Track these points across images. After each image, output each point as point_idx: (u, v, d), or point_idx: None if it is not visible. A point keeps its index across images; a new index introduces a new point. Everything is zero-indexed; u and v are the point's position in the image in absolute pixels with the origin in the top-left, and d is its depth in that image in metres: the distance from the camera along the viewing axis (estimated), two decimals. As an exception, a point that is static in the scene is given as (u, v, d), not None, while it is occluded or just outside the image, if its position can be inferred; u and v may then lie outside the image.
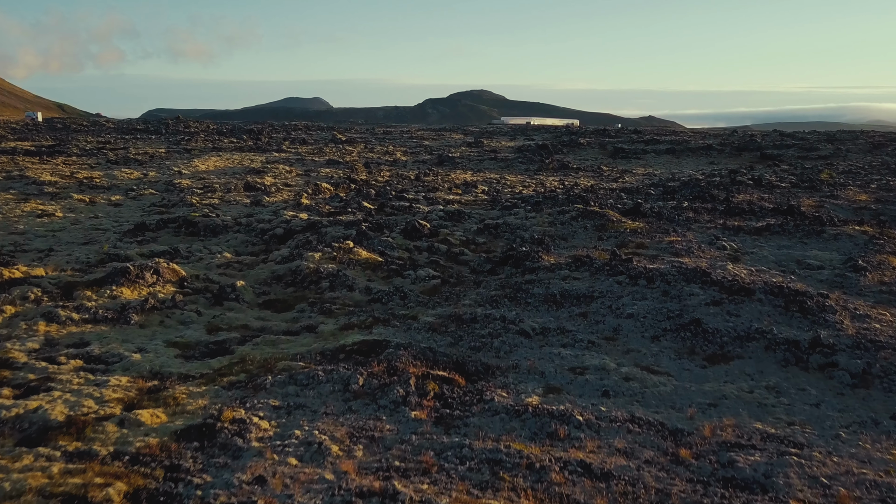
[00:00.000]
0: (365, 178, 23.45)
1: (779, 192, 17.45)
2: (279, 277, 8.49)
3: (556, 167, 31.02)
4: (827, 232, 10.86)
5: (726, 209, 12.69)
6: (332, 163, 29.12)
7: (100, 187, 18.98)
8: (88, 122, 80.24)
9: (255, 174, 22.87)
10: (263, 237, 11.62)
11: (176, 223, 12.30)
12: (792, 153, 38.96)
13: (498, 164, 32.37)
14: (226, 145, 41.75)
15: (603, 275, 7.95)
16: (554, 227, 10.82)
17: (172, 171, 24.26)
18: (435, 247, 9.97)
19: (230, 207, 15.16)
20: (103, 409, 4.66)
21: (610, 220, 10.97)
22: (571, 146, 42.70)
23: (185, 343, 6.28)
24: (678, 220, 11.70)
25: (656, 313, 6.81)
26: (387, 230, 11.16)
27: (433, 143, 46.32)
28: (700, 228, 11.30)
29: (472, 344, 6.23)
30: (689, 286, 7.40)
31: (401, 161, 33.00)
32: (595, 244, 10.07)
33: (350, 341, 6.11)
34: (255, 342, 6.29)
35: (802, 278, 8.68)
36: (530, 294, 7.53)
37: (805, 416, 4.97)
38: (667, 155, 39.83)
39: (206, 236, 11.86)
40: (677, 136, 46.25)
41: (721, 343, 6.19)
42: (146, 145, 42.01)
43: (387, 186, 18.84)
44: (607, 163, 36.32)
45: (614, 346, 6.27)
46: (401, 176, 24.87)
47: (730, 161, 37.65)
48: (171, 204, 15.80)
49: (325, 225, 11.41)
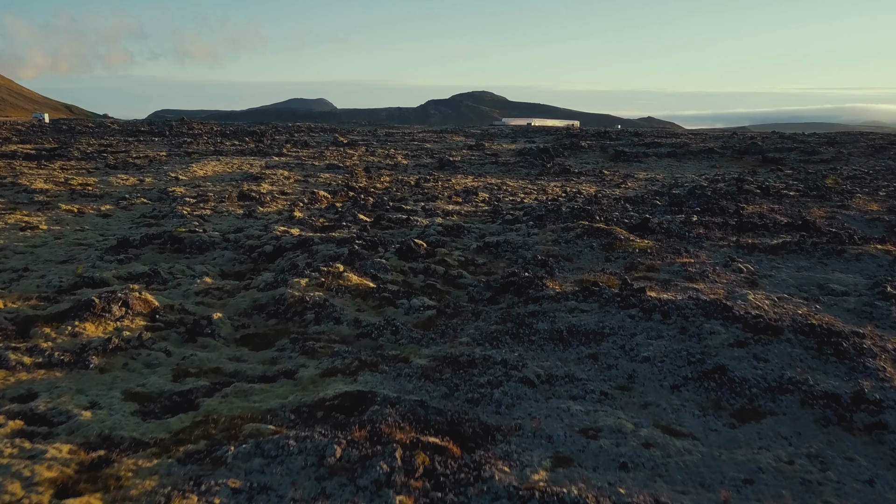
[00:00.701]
0: (364, 184, 22.62)
1: (788, 202, 16.58)
2: (261, 307, 7.65)
3: (557, 171, 30.16)
4: (847, 252, 10.01)
5: (738, 224, 11.84)
6: (332, 167, 28.30)
7: (92, 196, 18.16)
8: (94, 124, 79.59)
9: (253, 181, 22.03)
10: (252, 255, 10.80)
11: (161, 239, 11.48)
12: (794, 156, 38.06)
13: (499, 168, 31.51)
14: (227, 148, 40.98)
15: (613, 307, 7.10)
16: (558, 247, 9.97)
17: (169, 178, 23.43)
18: (431, 268, 9.13)
19: (221, 219, 14.33)
20: (29, 496, 3.84)
21: (617, 238, 10.12)
22: (572, 149, 41.88)
23: (145, 394, 5.45)
24: (689, 237, 10.86)
25: (675, 357, 5.97)
26: (381, 248, 10.33)
27: (434, 146, 45.50)
28: (712, 247, 10.45)
29: (469, 395, 5.40)
30: (710, 322, 6.56)
31: (402, 165, 32.16)
32: (602, 266, 9.21)
33: (331, 393, 5.28)
34: (224, 393, 5.46)
35: (828, 307, 7.83)
36: (534, 330, 6.69)
37: (859, 501, 4.15)
38: (668, 158, 38.97)
39: (191, 253, 11.03)
40: (678, 139, 45.35)
41: (750, 395, 5.36)
42: (148, 148, 41.26)
43: (385, 196, 17.98)
44: (609, 167, 35.47)
45: (630, 397, 5.44)
46: (401, 182, 24.03)
47: (731, 165, 36.78)
48: (162, 215, 14.98)
49: (316, 242, 10.59)
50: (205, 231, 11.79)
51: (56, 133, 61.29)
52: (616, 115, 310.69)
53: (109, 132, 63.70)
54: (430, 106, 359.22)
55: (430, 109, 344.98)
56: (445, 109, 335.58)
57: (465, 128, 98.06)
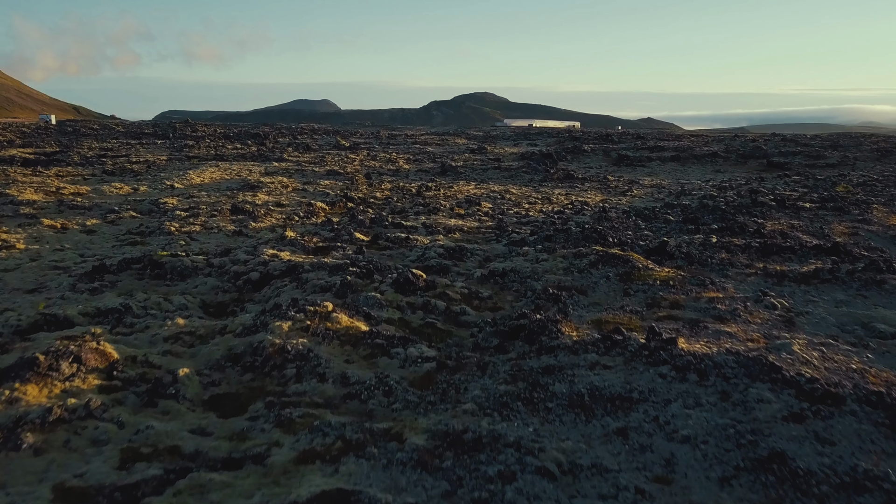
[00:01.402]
0: (364, 193, 21.50)
1: (807, 216, 15.43)
2: (236, 357, 6.55)
3: (561, 177, 29.04)
4: (888, 282, 8.90)
5: (762, 246, 10.73)
6: (333, 174, 27.21)
7: (80, 208, 17.07)
8: (99, 126, 78.61)
9: (249, 190, 20.94)
10: (236, 282, 9.72)
11: (141, 263, 10.41)
12: (799, 161, 36.88)
13: (502, 173, 30.38)
14: (229, 152, 39.90)
15: (641, 363, 6.00)
16: (570, 276, 8.87)
17: (164, 186, 22.36)
18: (431, 304, 8.03)
19: (210, 237, 13.24)
20: None
21: (635, 266, 9.02)
22: (575, 153, 40.73)
23: (80, 491, 4.37)
24: (711, 263, 9.76)
25: (720, 435, 4.88)
26: (377, 277, 9.23)
27: (437, 150, 44.39)
28: (738, 275, 9.35)
29: (475, 494, 4.32)
30: (756, 386, 5.47)
31: (403, 170, 31.08)
32: (621, 302, 8.11)
33: (306, 493, 4.20)
34: (178, 488, 4.38)
35: (880, 355, 6.72)
36: (550, 393, 5.59)
37: None
38: (672, 163, 37.83)
39: (172, 281, 9.95)
40: (681, 143, 44.13)
41: (820, 496, 4.27)
42: (149, 152, 40.20)
43: (384, 211, 16.84)
44: (612, 172, 34.34)
45: (671, 496, 4.35)
46: (402, 189, 22.93)
47: (736, 169, 35.60)
48: (149, 231, 13.89)
49: (306, 269, 9.51)
50: (188, 255, 10.68)
51: (60, 135, 60.27)
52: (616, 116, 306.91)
53: (113, 134, 62.68)
54: (432, 107, 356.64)
55: (432, 110, 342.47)
56: (448, 110, 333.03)
57: (467, 129, 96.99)
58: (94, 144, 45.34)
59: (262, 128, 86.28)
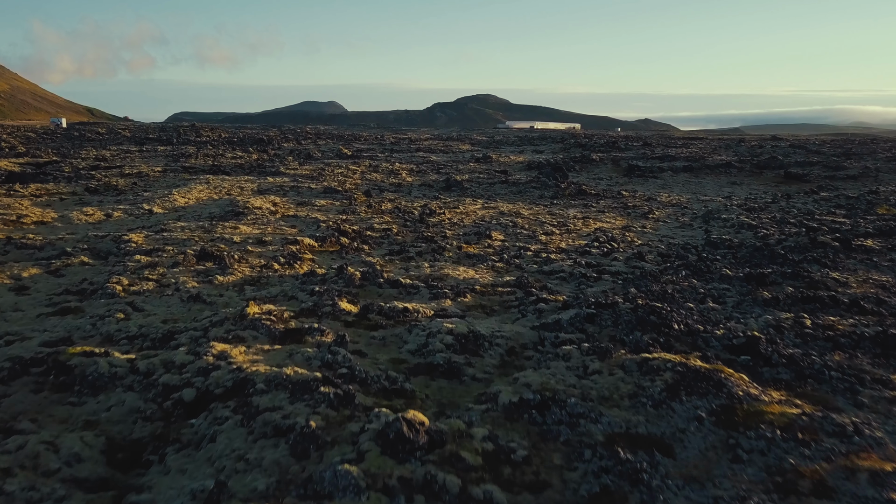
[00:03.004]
0: (361, 220, 18.32)
1: (884, 262, 12.15)
2: None
3: (572, 192, 25.80)
4: None
5: (879, 337, 7.55)
6: (330, 192, 23.96)
7: (28, 248, 13.83)
8: (106, 130, 75.31)
9: (233, 218, 17.71)
10: (164, 404, 6.58)
11: (44, 366, 7.29)
12: (817, 172, 33.51)
13: (510, 189, 27.07)
14: (228, 161, 36.68)
15: None
16: (642, 414, 5.70)
17: (141, 212, 19.14)
18: (437, 482, 4.88)
19: (160, 303, 10.04)
20: None
21: (733, 394, 5.86)
22: (583, 163, 37.37)
23: None
24: (829, 375, 6.57)
25: None
26: (359, 399, 6.09)
27: (440, 158, 41.08)
28: (878, 402, 6.20)
29: None
30: None
31: (406, 185, 27.82)
32: (731, 474, 4.96)
33: None
34: None
35: None
36: None
37: None
38: (685, 174, 34.52)
39: (80, 395, 6.81)
40: (690, 150, 40.60)
41: None
42: (144, 161, 36.98)
43: (381, 249, 13.55)
44: (624, 184, 31.03)
45: None
46: (403, 212, 19.72)
47: (753, 181, 32.25)
48: (91, 290, 10.69)
49: (260, 390, 6.36)
50: (107, 353, 7.48)
51: (64, 141, 57.03)
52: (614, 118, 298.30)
53: (118, 139, 59.44)
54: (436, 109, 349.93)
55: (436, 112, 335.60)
56: (451, 112, 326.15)
57: (470, 133, 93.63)
58: (92, 153, 42.16)
59: (269, 131, 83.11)
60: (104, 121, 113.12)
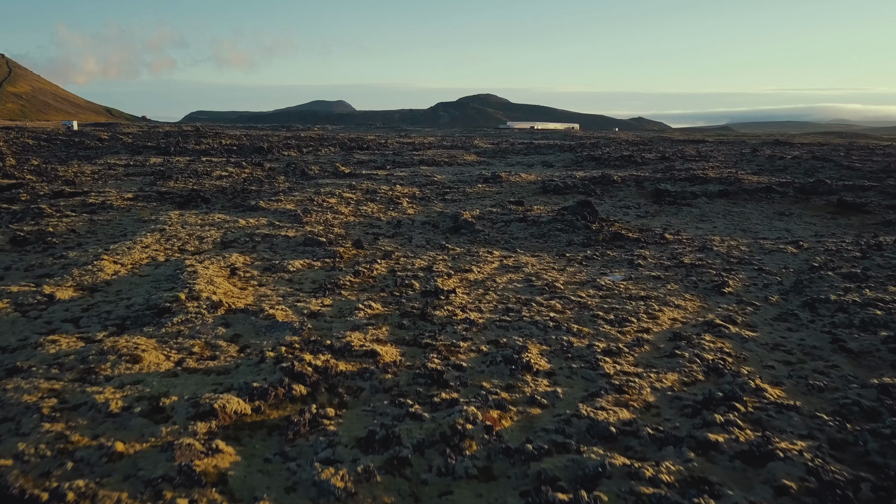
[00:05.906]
0: (328, 346, 12.54)
1: None
2: None
3: (608, 238, 19.85)
4: None
5: None
6: (310, 244, 18.10)
7: None
8: (108, 136, 69.30)
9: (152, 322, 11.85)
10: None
11: None
12: (875, 200, 27.32)
13: (529, 230, 21.11)
14: (210, 184, 30.69)
15: None
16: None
17: (37, 299, 13.33)
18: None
19: None
20: None
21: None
22: (604, 185, 31.28)
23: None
24: None
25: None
26: None
27: (445, 177, 35.14)
28: None
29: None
30: None
31: (406, 221, 21.89)
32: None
33: None
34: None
35: None
36: None
37: None
38: (721, 200, 28.34)
39: None
40: (723, 174, 34.29)
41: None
42: (118, 184, 30.97)
43: (365, 409, 7.82)
44: (656, 214, 24.86)
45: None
46: (400, 286, 13.87)
47: (804, 212, 25.95)
48: None
49: None
50: None
51: (61, 149, 51.05)
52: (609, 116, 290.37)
53: (114, 148, 53.51)
54: (439, 108, 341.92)
55: (439, 111, 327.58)
56: (453, 111, 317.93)
57: (472, 137, 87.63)
58: (73, 168, 36.34)
59: (277, 132, 77.03)
60: (117, 121, 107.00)
